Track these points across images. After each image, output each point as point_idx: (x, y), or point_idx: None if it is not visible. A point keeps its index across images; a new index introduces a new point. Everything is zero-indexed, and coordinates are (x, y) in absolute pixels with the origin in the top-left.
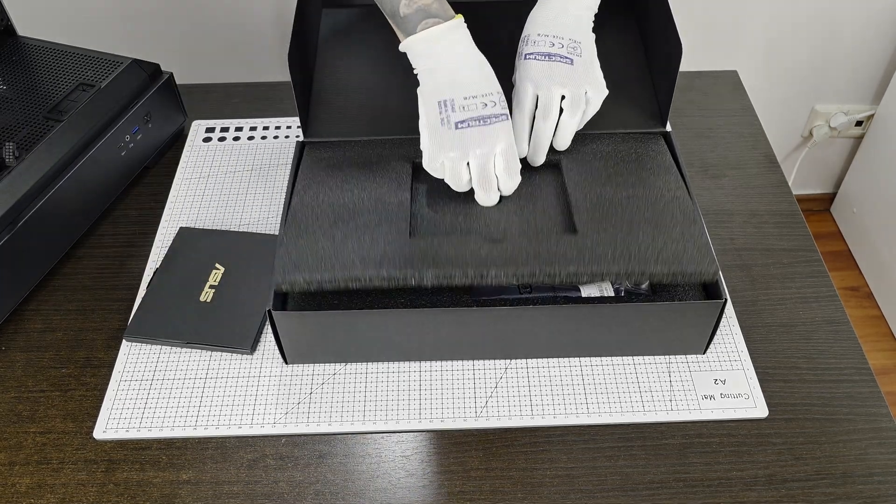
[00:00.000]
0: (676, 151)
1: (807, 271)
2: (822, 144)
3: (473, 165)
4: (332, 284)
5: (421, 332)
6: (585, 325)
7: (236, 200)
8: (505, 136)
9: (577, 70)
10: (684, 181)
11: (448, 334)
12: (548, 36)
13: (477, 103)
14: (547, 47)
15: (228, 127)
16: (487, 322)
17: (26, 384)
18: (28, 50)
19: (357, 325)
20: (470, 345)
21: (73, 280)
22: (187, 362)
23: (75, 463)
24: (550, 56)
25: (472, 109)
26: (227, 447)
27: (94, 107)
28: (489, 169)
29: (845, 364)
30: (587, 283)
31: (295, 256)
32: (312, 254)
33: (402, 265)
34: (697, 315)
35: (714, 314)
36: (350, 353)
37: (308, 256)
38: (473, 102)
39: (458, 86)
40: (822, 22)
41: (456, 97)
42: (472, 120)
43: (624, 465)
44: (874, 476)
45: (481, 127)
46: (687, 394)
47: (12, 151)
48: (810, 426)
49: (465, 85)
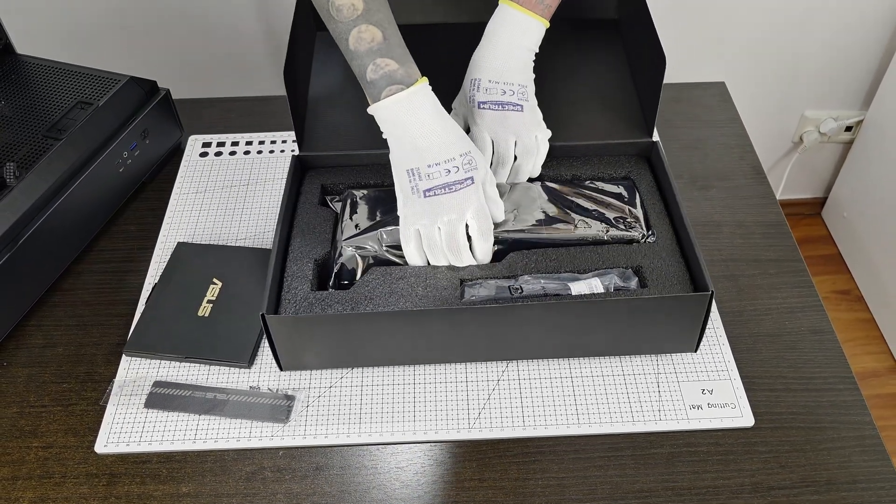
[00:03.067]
0: (664, 161)
1: (793, 281)
2: (813, 150)
3: (443, 232)
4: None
5: (413, 333)
6: (577, 321)
7: (233, 215)
8: (474, 200)
9: (526, 116)
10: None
11: (440, 334)
12: (499, 83)
13: (440, 170)
14: (499, 95)
15: (224, 141)
16: (479, 321)
17: (28, 399)
18: (27, 68)
19: (350, 327)
20: (462, 346)
21: (73, 295)
22: (186, 377)
23: (77, 477)
24: (503, 105)
25: (437, 177)
26: (225, 460)
27: (92, 124)
28: (457, 235)
29: (829, 373)
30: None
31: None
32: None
33: None
34: (685, 308)
35: (702, 307)
36: (344, 357)
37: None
38: (437, 170)
39: (422, 153)
40: (811, 30)
41: (421, 165)
42: (437, 188)
43: (614, 474)
44: (858, 483)
45: (449, 194)
46: (675, 403)
47: (13, 171)
48: (795, 434)
49: (428, 152)
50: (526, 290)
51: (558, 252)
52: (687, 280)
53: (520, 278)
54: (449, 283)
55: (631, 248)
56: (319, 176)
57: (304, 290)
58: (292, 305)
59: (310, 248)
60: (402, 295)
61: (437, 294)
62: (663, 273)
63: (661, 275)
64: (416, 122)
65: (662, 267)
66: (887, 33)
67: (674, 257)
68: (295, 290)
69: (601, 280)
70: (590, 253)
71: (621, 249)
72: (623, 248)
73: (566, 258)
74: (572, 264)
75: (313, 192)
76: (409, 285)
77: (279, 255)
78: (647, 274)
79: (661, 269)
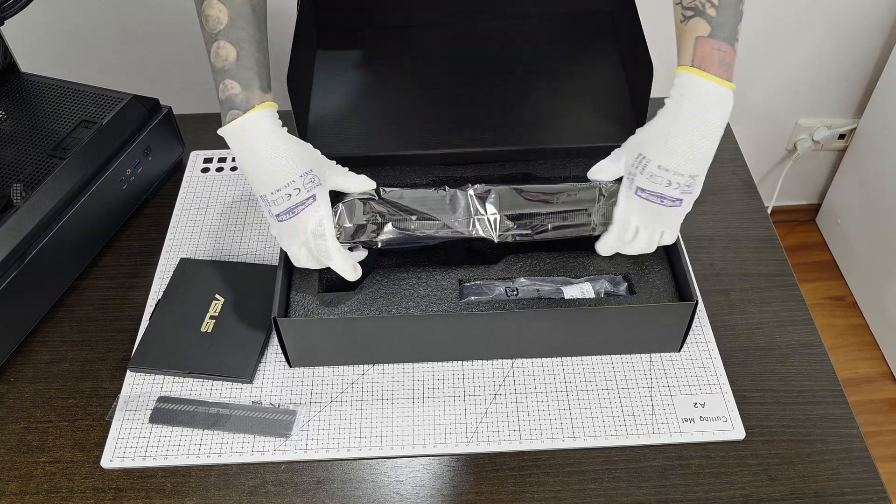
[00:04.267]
0: None
1: (783, 296)
2: (807, 157)
3: (303, 252)
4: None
5: (416, 334)
6: (569, 324)
7: (234, 230)
8: (313, 220)
9: (683, 210)
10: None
11: (442, 335)
12: (668, 171)
13: (282, 195)
14: (663, 187)
15: (225, 157)
16: (477, 324)
17: (35, 415)
18: (31, 87)
19: (356, 329)
20: (461, 346)
21: (78, 311)
22: (190, 392)
23: (84, 491)
24: (663, 199)
25: (280, 203)
26: (228, 474)
27: (96, 143)
28: (316, 252)
29: (819, 386)
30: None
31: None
32: None
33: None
34: (671, 314)
35: (686, 314)
36: (350, 355)
37: None
38: (279, 196)
39: (264, 181)
40: (805, 39)
41: (266, 193)
42: (282, 213)
43: (608, 486)
44: (846, 495)
45: (292, 218)
46: (668, 417)
47: (19, 192)
48: (785, 447)
49: (268, 180)
50: (522, 293)
51: (552, 257)
52: (672, 288)
53: (516, 280)
54: (448, 284)
55: (622, 257)
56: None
57: (312, 291)
58: (301, 307)
59: None
60: (404, 295)
61: (437, 294)
62: (650, 281)
63: (648, 282)
64: (254, 150)
65: (650, 276)
66: (880, 42)
67: (661, 265)
68: (303, 294)
69: (592, 285)
70: (583, 258)
71: (613, 257)
72: (614, 256)
73: (559, 263)
74: (565, 269)
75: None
76: (411, 286)
77: (286, 259)
78: (635, 280)
79: (649, 278)
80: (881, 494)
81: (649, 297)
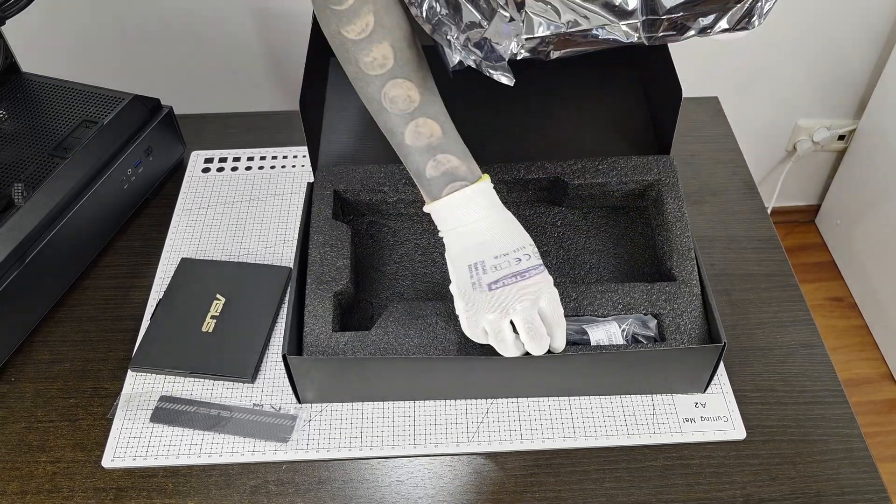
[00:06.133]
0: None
1: (783, 296)
2: (806, 158)
3: (519, 321)
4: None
5: (431, 376)
6: (594, 369)
7: (235, 230)
8: (547, 287)
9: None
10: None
11: (457, 376)
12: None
13: (510, 260)
14: (513, 266)
15: (226, 157)
16: (494, 369)
17: (36, 414)
18: (32, 87)
19: (367, 369)
20: (480, 387)
21: (79, 311)
22: (191, 391)
23: (85, 491)
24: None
25: (504, 267)
26: (230, 474)
27: (97, 143)
28: (535, 323)
29: (819, 386)
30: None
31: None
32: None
33: None
34: (697, 356)
35: (714, 356)
36: (359, 393)
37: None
38: (506, 260)
39: (487, 246)
40: (805, 40)
41: (486, 258)
42: (506, 278)
43: (609, 486)
44: (846, 495)
45: (520, 282)
46: (669, 417)
47: (21, 191)
48: (786, 447)
49: (494, 244)
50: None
51: (578, 291)
52: (705, 332)
53: None
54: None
55: (652, 290)
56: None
57: (325, 330)
58: (315, 348)
59: (327, 280)
60: (420, 331)
61: (457, 328)
62: (682, 321)
63: (680, 324)
64: (480, 217)
65: (682, 317)
66: (879, 44)
67: (694, 303)
68: (317, 332)
69: (619, 324)
70: (611, 294)
71: (642, 291)
72: (644, 290)
73: (585, 297)
74: (592, 305)
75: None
76: (430, 324)
77: (299, 286)
78: (667, 321)
79: (682, 317)
80: (881, 494)
81: (679, 342)
